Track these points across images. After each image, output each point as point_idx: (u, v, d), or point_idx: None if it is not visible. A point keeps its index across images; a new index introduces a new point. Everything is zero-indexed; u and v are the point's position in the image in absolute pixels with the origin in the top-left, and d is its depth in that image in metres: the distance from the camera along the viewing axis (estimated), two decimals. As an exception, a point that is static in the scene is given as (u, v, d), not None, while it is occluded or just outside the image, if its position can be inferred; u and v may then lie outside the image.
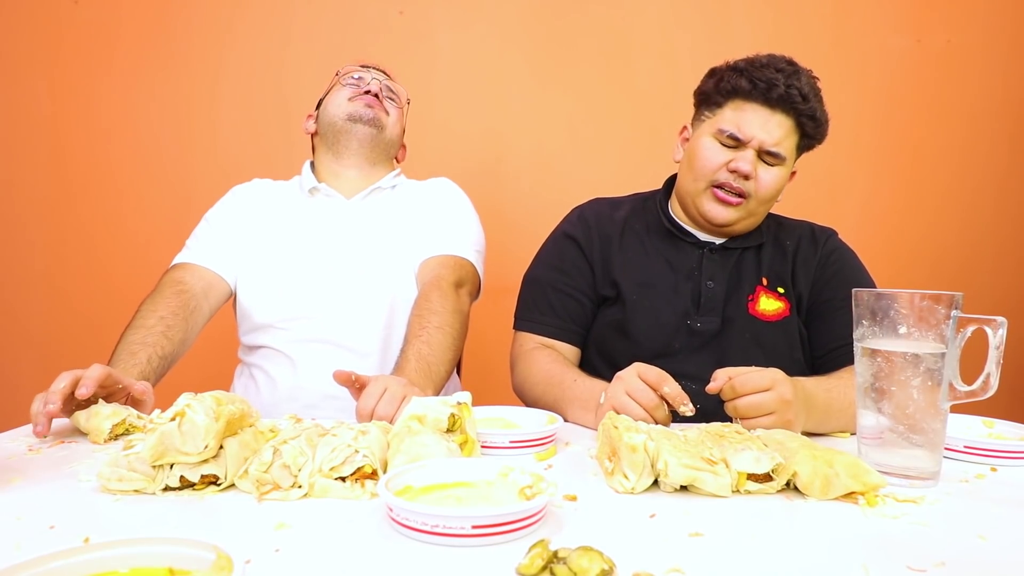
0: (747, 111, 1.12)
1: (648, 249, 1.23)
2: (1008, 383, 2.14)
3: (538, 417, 0.91)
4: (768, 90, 1.09)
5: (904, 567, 0.51)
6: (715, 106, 1.16)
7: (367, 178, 1.40)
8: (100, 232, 2.03)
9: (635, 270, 1.21)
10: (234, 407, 0.71)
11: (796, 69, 1.13)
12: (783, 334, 1.17)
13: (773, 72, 1.10)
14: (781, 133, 1.12)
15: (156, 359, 1.11)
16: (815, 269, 1.21)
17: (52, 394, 0.85)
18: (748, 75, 1.11)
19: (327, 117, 1.40)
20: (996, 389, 0.71)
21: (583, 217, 1.28)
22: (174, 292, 1.24)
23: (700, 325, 1.16)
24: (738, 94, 1.12)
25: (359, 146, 1.38)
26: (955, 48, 2.03)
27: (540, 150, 2.04)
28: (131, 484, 0.66)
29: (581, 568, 0.46)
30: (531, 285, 1.27)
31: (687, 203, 1.21)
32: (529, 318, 1.24)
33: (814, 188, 2.03)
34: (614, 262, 1.22)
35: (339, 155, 1.39)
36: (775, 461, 0.68)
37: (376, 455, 0.69)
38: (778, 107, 1.11)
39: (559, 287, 1.23)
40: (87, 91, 2.02)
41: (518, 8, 2.02)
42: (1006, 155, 2.05)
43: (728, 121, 1.13)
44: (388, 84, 1.43)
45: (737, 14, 2.03)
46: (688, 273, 1.20)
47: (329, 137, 1.40)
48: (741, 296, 1.18)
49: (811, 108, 1.12)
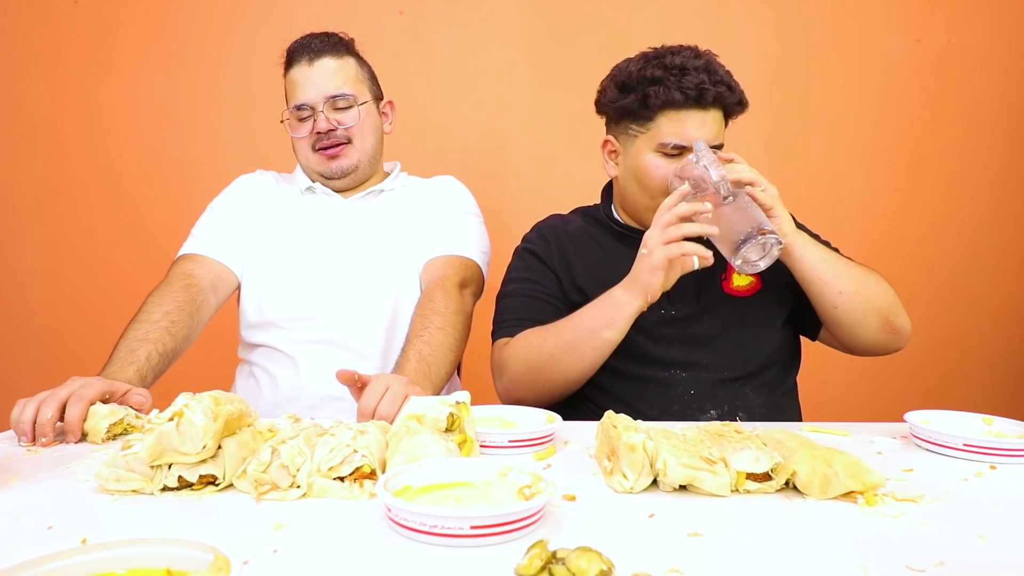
0: (684, 119, 1.12)
1: (607, 252, 1.25)
2: (1008, 383, 2.14)
3: (537, 416, 0.91)
4: (700, 96, 1.10)
5: (903, 567, 0.51)
6: (645, 120, 1.15)
7: (361, 187, 1.41)
8: (100, 232, 2.03)
9: (598, 272, 1.22)
10: (232, 407, 0.71)
11: (708, 61, 1.13)
12: (760, 308, 1.20)
13: (695, 75, 1.10)
14: (717, 127, 1.14)
15: (156, 356, 1.11)
16: None
17: (42, 427, 0.85)
18: (676, 85, 1.10)
19: (301, 164, 1.39)
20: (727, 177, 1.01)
21: (540, 232, 1.31)
22: (183, 286, 1.23)
23: (676, 312, 1.18)
24: (670, 106, 1.12)
25: (344, 188, 1.39)
26: (955, 48, 2.03)
27: (540, 150, 2.04)
28: (129, 484, 0.66)
29: (580, 568, 0.46)
30: (504, 300, 1.27)
31: (643, 218, 1.20)
32: (505, 324, 1.22)
33: (814, 188, 2.03)
34: (576, 268, 1.23)
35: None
36: (774, 460, 0.68)
37: (375, 455, 0.69)
38: (711, 107, 1.12)
39: (530, 293, 1.24)
40: (87, 91, 2.02)
41: (518, 8, 2.02)
42: (1006, 155, 2.05)
43: (667, 134, 1.13)
44: (333, 95, 1.30)
45: (737, 14, 2.03)
46: None
47: (310, 177, 1.39)
48: (714, 277, 1.19)
49: (738, 96, 1.14)
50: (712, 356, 1.16)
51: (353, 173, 1.35)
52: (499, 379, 1.19)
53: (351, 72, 1.34)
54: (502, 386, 1.19)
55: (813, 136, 2.04)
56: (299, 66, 1.32)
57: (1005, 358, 2.04)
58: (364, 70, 1.39)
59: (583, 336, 1.08)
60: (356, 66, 1.36)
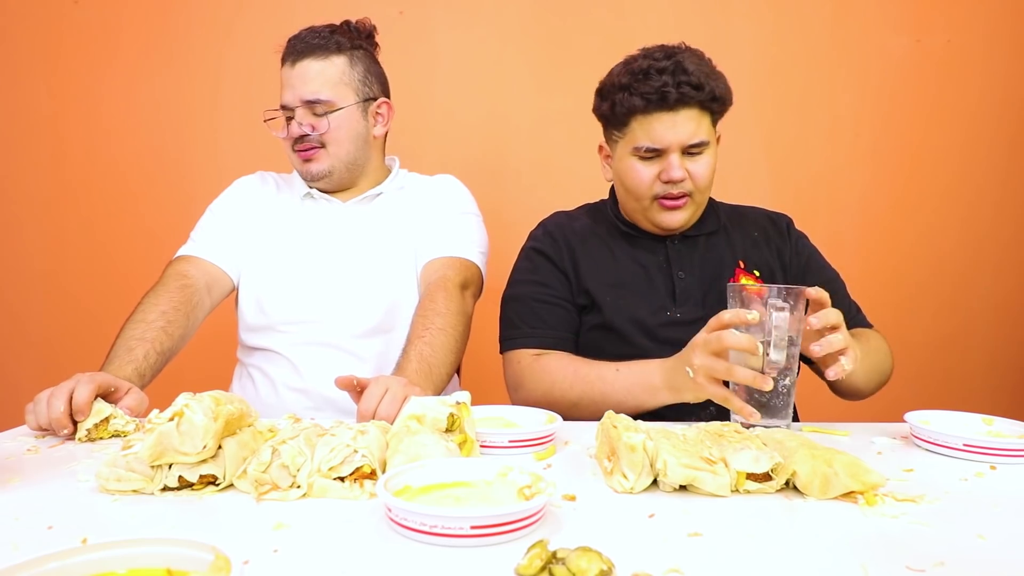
0: (652, 123, 1.11)
1: (614, 252, 1.25)
2: (1008, 383, 2.14)
3: (537, 416, 0.91)
4: (663, 99, 1.09)
5: (903, 567, 0.51)
6: (621, 125, 1.16)
7: (357, 190, 1.39)
8: (100, 232, 2.03)
9: (604, 273, 1.22)
10: (233, 407, 0.71)
11: (677, 61, 1.11)
12: None
13: (658, 77, 1.09)
14: (692, 125, 1.12)
15: (153, 355, 1.11)
16: (788, 253, 1.27)
17: (58, 422, 0.87)
18: (638, 91, 1.10)
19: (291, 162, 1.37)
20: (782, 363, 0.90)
21: (547, 231, 1.30)
22: (178, 286, 1.23)
23: (680, 315, 1.18)
24: (636, 111, 1.12)
25: (328, 190, 1.38)
26: (955, 48, 2.03)
27: (540, 150, 2.04)
28: (129, 484, 0.66)
29: (580, 568, 0.46)
30: (512, 303, 1.25)
31: (637, 217, 1.23)
32: (519, 335, 1.21)
33: (814, 188, 2.03)
34: (582, 269, 1.23)
35: None
36: (774, 460, 0.68)
37: (375, 455, 0.69)
38: (679, 106, 1.10)
39: (542, 298, 1.22)
40: (87, 91, 2.02)
41: (518, 8, 2.02)
42: (1006, 155, 2.05)
43: (640, 138, 1.13)
44: (309, 99, 1.27)
45: (737, 14, 2.03)
46: (658, 268, 1.23)
47: None
48: (721, 281, 1.19)
49: (709, 92, 1.11)
50: None
51: (327, 177, 1.33)
52: (514, 392, 1.19)
53: (333, 75, 1.29)
54: (519, 398, 1.18)
55: (813, 136, 2.04)
56: (285, 66, 1.31)
57: (1005, 358, 2.04)
58: (356, 70, 1.32)
59: (611, 403, 1.03)
60: (343, 67, 1.30)
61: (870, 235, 2.05)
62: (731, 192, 1.40)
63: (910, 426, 0.88)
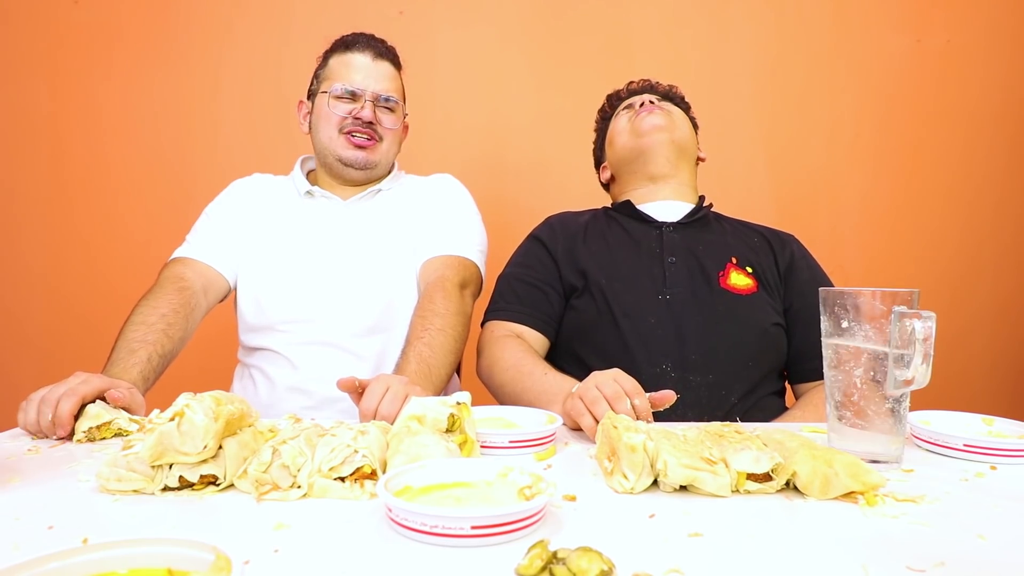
0: None
1: (611, 241, 1.31)
2: (1008, 383, 2.14)
3: (538, 417, 0.91)
4: None
5: (904, 567, 0.51)
6: None
7: (364, 186, 1.42)
8: (100, 232, 2.03)
9: (601, 256, 1.28)
10: (233, 407, 0.71)
11: None
12: (753, 307, 1.23)
13: None
14: None
15: (156, 357, 1.11)
16: (788, 261, 1.30)
17: (48, 428, 0.87)
18: None
19: (319, 141, 1.38)
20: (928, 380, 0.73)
21: (550, 223, 1.40)
22: (176, 289, 1.23)
23: (670, 297, 1.22)
24: None
25: (352, 179, 1.40)
26: (955, 48, 2.03)
27: (540, 150, 2.04)
28: (130, 484, 0.66)
29: (580, 569, 0.46)
30: (499, 282, 1.35)
31: None
32: (495, 308, 1.30)
33: (814, 188, 2.04)
34: (580, 254, 1.30)
35: (333, 176, 1.41)
36: (774, 461, 0.68)
37: (375, 455, 0.69)
38: None
39: (524, 279, 1.30)
40: (87, 91, 2.02)
41: (518, 8, 2.02)
42: (1006, 155, 2.05)
43: None
44: (385, 96, 1.37)
45: (738, 14, 2.03)
46: (650, 252, 1.27)
47: (321, 158, 1.40)
48: (711, 271, 1.24)
49: None
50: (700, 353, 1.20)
51: (372, 169, 1.39)
52: (480, 359, 1.26)
53: (400, 85, 1.43)
54: (477, 365, 1.26)
55: (813, 136, 2.04)
56: (361, 55, 1.37)
57: (1006, 359, 2.05)
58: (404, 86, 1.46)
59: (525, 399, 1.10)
60: (402, 80, 1.45)
61: (870, 235, 2.05)
62: (731, 192, 1.41)
63: (910, 426, 0.88)
